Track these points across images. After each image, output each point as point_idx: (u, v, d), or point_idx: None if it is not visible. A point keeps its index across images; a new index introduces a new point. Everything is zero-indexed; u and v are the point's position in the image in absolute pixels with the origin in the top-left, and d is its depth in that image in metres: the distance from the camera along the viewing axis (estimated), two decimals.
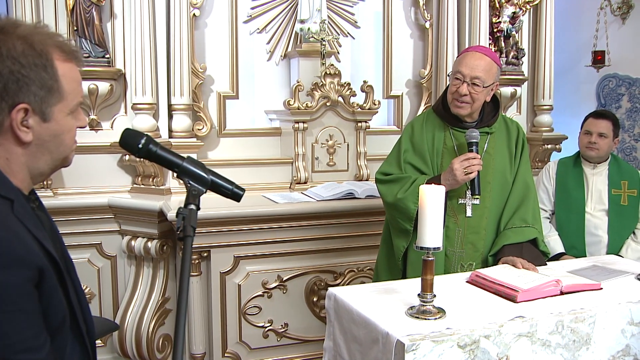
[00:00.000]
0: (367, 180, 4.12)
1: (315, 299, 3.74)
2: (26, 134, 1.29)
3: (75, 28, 3.64)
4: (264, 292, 3.65)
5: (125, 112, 3.87)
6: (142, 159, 3.54)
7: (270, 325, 3.69)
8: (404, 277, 2.88)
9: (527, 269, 2.52)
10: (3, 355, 1.16)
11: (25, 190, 1.36)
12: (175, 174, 1.44)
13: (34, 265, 1.21)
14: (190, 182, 1.40)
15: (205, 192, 1.41)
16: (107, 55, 3.73)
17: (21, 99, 1.26)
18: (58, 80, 1.31)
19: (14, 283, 1.17)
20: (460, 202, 2.82)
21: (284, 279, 3.67)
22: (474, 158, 2.70)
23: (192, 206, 1.34)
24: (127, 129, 1.44)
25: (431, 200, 2.06)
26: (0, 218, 1.21)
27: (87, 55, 3.63)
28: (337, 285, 3.69)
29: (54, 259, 1.30)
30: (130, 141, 1.41)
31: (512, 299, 2.24)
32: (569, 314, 2.11)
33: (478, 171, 2.71)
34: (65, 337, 1.35)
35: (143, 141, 1.40)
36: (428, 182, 2.54)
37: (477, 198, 2.80)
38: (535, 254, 2.72)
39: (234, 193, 1.47)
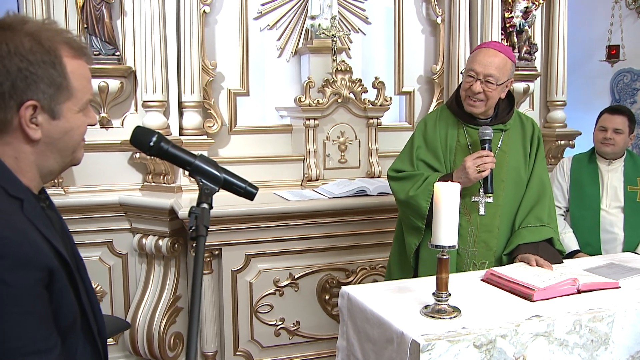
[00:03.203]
0: (378, 177, 4.09)
1: (327, 297, 3.72)
2: (35, 132, 1.27)
3: (86, 25, 3.63)
4: (275, 290, 3.63)
5: (136, 110, 3.86)
6: (152, 157, 3.56)
7: (282, 324, 3.68)
8: (415, 275, 2.86)
9: (541, 266, 2.49)
10: (13, 357, 1.15)
11: (35, 189, 1.34)
12: (187, 172, 1.42)
13: (44, 265, 1.19)
14: (203, 180, 1.38)
15: (218, 191, 1.39)
16: (117, 53, 3.72)
17: (29, 96, 1.24)
18: (67, 77, 1.29)
19: (24, 284, 1.15)
20: (473, 200, 2.79)
21: (296, 277, 3.65)
22: (487, 156, 2.66)
23: (205, 205, 1.32)
24: (137, 127, 1.42)
25: (446, 197, 2.03)
26: (9, 218, 1.19)
27: (97, 52, 3.62)
28: (349, 283, 3.67)
29: (64, 259, 1.28)
30: (141, 139, 1.39)
31: (528, 298, 2.21)
32: (587, 313, 2.08)
33: (491, 169, 2.67)
34: (76, 337, 1.33)
35: (154, 139, 1.38)
36: (440, 180, 2.52)
37: (490, 196, 2.76)
38: (551, 252, 2.67)
39: (247, 191, 1.45)
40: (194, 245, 3.37)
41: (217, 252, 3.50)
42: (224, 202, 3.16)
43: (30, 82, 1.24)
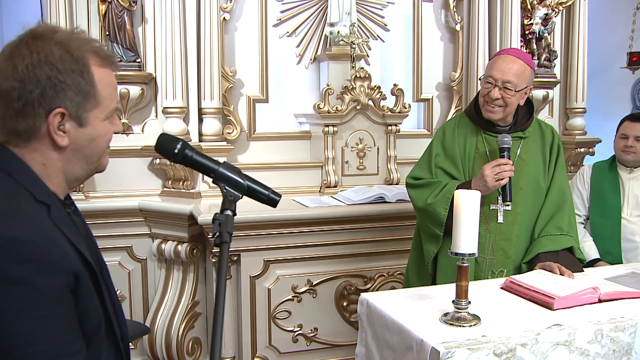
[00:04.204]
0: (397, 184, 4.09)
1: (345, 304, 3.72)
2: (62, 139, 1.29)
3: (107, 33, 3.68)
4: (293, 296, 3.63)
5: (156, 116, 3.90)
6: (173, 163, 3.58)
7: (299, 330, 3.68)
8: (433, 282, 2.85)
9: (562, 274, 2.47)
10: None
11: (61, 195, 1.36)
12: (209, 179, 1.44)
13: (70, 270, 1.21)
14: (227, 187, 1.39)
15: (242, 198, 1.40)
16: (138, 60, 3.76)
17: (58, 103, 1.27)
18: (94, 85, 1.31)
19: (51, 288, 1.17)
20: (491, 208, 2.77)
21: (314, 283, 3.65)
22: (506, 164, 2.65)
23: (229, 212, 1.33)
24: (162, 134, 1.44)
25: (466, 205, 2.03)
26: (37, 223, 1.21)
27: (119, 59, 3.66)
28: (367, 290, 3.67)
29: (90, 264, 1.30)
30: (166, 146, 1.41)
31: (549, 307, 2.19)
32: (609, 322, 2.06)
33: (510, 177, 2.66)
34: (101, 342, 1.35)
35: (179, 146, 1.40)
36: (458, 188, 2.51)
37: (508, 205, 2.74)
38: (571, 261, 2.65)
39: (270, 199, 1.46)
40: (213, 250, 3.37)
41: (235, 258, 3.51)
42: (243, 208, 3.19)
43: (59, 90, 1.26)
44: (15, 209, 1.21)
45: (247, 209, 3.08)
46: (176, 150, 1.40)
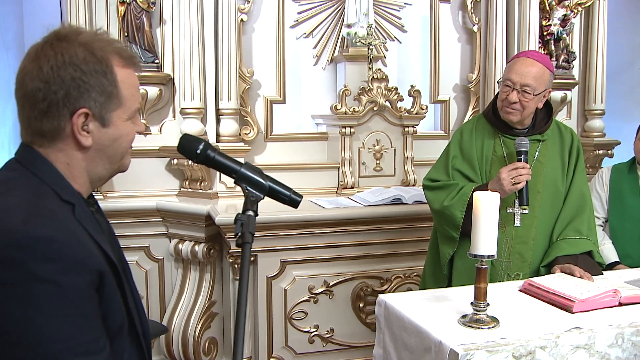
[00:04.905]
0: (413, 185, 4.08)
1: (361, 305, 3.71)
2: (86, 139, 1.30)
3: (126, 34, 3.71)
4: (310, 297, 3.64)
5: (174, 117, 3.92)
6: (190, 163, 3.60)
7: (316, 331, 3.68)
8: (449, 284, 2.84)
9: (581, 277, 2.45)
10: (63, 358, 1.17)
11: (85, 194, 1.38)
12: (226, 179, 1.44)
13: (95, 268, 1.22)
14: (248, 188, 1.39)
15: (263, 198, 1.41)
16: (157, 61, 3.79)
17: (82, 104, 1.28)
18: (117, 86, 1.32)
19: (75, 286, 1.18)
20: (508, 211, 2.74)
21: (331, 284, 3.65)
22: (523, 168, 2.63)
23: (251, 212, 1.33)
24: (185, 135, 1.45)
25: (485, 207, 2.02)
26: (62, 222, 1.23)
27: None
28: (384, 291, 3.66)
29: (113, 263, 1.31)
30: (189, 147, 1.41)
31: (568, 309, 2.18)
32: (630, 326, 2.04)
33: (527, 181, 2.64)
34: (124, 340, 1.36)
35: (201, 147, 1.41)
36: (475, 191, 2.50)
37: (525, 208, 2.72)
38: (590, 264, 2.63)
39: (291, 199, 1.46)
40: (230, 250, 3.36)
41: (252, 259, 3.52)
42: (260, 208, 3.20)
43: (82, 90, 1.27)
44: (40, 208, 1.22)
45: (264, 209, 3.09)
46: (199, 151, 1.41)
